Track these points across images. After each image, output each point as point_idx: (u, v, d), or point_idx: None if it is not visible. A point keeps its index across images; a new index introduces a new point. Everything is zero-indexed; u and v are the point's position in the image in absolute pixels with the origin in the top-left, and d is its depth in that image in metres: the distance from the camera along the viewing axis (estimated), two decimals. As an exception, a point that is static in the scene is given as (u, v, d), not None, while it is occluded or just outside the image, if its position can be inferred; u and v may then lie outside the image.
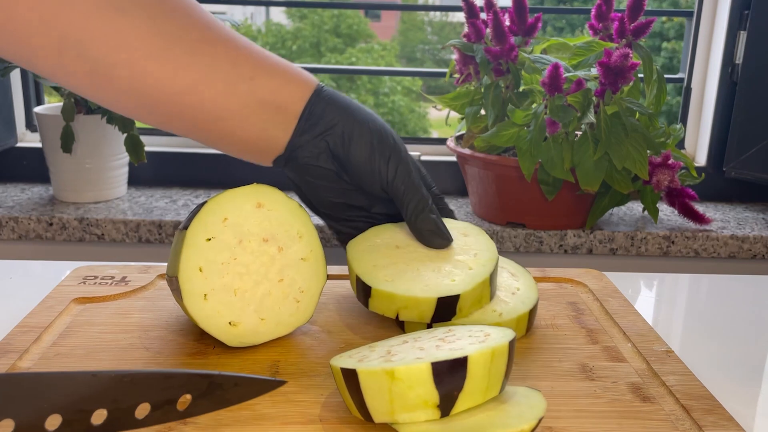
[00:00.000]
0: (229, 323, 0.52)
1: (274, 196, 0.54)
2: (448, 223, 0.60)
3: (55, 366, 0.50)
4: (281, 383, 0.47)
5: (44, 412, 0.40)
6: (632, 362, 0.53)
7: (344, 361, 0.45)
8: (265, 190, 0.54)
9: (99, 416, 0.41)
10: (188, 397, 0.43)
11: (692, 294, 0.78)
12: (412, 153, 1.34)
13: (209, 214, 0.52)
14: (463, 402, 0.41)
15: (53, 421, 0.40)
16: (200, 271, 0.51)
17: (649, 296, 0.74)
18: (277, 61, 0.57)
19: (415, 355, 0.43)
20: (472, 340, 0.44)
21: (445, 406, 0.41)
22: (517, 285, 0.56)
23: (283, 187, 0.57)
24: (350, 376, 0.42)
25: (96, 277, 0.65)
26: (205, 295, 0.51)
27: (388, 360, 0.43)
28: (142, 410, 0.42)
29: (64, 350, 0.52)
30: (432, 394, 0.40)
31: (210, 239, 0.51)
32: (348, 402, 0.44)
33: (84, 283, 0.64)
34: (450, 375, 0.40)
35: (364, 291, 0.54)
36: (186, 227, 0.52)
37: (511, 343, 0.43)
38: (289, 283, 0.54)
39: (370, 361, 0.43)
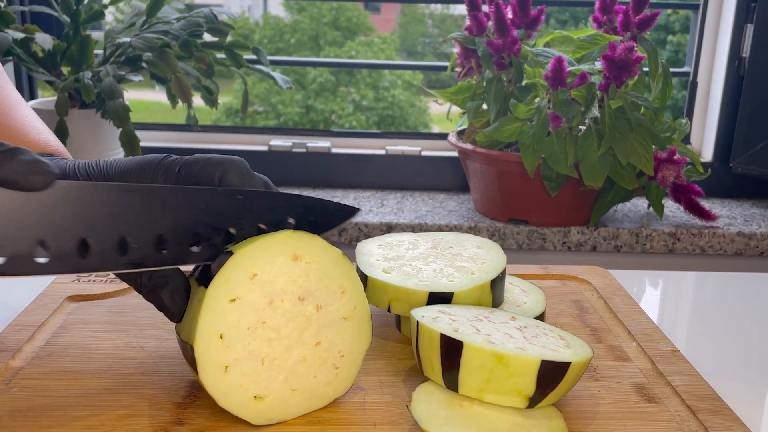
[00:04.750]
0: (255, 397, 0.44)
1: (314, 244, 0.46)
2: (469, 240, 0.59)
3: (48, 366, 0.49)
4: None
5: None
6: (637, 362, 0.52)
7: (435, 323, 0.45)
8: (303, 239, 0.45)
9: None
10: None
11: (698, 292, 0.77)
12: (412, 148, 1.34)
13: (234, 270, 0.43)
14: (547, 400, 0.43)
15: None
16: (221, 338, 0.43)
17: (654, 294, 0.73)
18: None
19: (513, 343, 0.44)
20: (553, 343, 0.45)
21: (535, 400, 0.43)
22: (525, 299, 0.56)
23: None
24: (451, 345, 0.43)
25: (90, 275, 0.64)
26: (227, 366, 0.43)
27: (488, 341, 0.43)
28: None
29: (58, 349, 0.52)
30: (530, 387, 0.42)
31: (234, 300, 0.43)
32: (428, 363, 0.45)
33: (78, 280, 0.63)
34: (551, 374, 0.42)
35: (362, 281, 0.54)
36: (205, 283, 0.44)
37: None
38: (327, 346, 0.46)
39: (466, 334, 0.44)
